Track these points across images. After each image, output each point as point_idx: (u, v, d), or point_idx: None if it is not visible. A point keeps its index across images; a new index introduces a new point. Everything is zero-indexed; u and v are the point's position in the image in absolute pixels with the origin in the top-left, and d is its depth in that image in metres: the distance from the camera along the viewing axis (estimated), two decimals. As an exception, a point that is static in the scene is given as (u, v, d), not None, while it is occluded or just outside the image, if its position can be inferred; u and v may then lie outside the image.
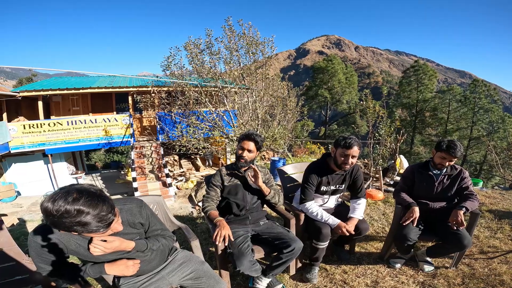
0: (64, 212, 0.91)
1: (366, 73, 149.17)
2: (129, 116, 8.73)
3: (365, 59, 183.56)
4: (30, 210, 6.50)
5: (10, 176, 8.54)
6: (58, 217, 0.92)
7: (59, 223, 0.94)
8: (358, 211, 2.13)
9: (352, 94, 29.15)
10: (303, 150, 12.96)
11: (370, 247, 2.65)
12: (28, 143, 7.74)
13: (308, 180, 2.16)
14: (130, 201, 1.35)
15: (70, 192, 0.94)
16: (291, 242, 1.82)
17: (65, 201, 0.92)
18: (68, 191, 0.95)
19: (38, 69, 8.91)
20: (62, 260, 1.22)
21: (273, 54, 7.77)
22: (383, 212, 3.64)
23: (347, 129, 28.56)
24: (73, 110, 10.08)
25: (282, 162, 7.47)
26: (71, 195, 0.93)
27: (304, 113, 9.70)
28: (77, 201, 0.93)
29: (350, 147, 1.95)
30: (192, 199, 6.73)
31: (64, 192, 0.94)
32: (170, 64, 7.91)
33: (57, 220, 0.93)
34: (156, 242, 1.38)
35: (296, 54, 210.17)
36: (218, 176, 2.04)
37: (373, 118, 5.75)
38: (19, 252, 1.65)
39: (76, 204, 0.93)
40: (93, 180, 10.77)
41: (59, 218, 0.92)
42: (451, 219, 1.97)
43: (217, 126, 7.58)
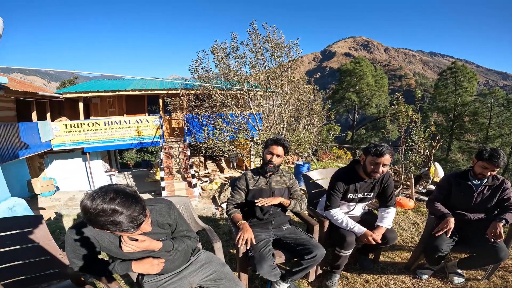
0: (100, 211, 0.96)
1: (397, 76, 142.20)
2: (159, 117, 9.13)
3: (396, 61, 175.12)
4: (66, 205, 6.98)
5: (50, 172, 9.31)
6: (95, 215, 0.97)
7: (95, 221, 0.99)
8: (387, 220, 2.04)
9: (382, 98, 27.96)
10: (329, 155, 12.65)
11: (396, 257, 2.53)
12: (69, 141, 8.39)
13: (334, 187, 2.11)
14: (160, 202, 1.39)
15: (108, 192, 0.99)
16: (313, 248, 1.79)
17: (103, 200, 0.96)
18: (106, 190, 1.00)
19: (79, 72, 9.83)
20: (94, 256, 1.29)
21: (299, 57, 7.70)
22: (413, 222, 3.47)
23: (376, 134, 27.39)
24: (109, 111, 10.76)
25: (306, 167, 7.34)
26: (108, 194, 0.98)
27: (331, 117, 9.48)
28: (113, 201, 0.97)
29: (381, 155, 1.87)
30: (216, 200, 6.84)
31: (102, 191, 0.99)
32: (198, 68, 8.15)
33: (93, 218, 0.98)
34: (181, 243, 1.42)
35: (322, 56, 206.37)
36: (243, 180, 2.06)
37: (406, 123, 5.46)
38: (55, 247, 1.71)
39: (112, 203, 0.97)
40: (125, 177, 11.39)
41: (95, 216, 0.97)
42: (489, 231, 1.85)
43: (242, 129, 7.66)
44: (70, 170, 9.51)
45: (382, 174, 1.99)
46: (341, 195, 2.12)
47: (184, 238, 1.46)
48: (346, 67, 28.36)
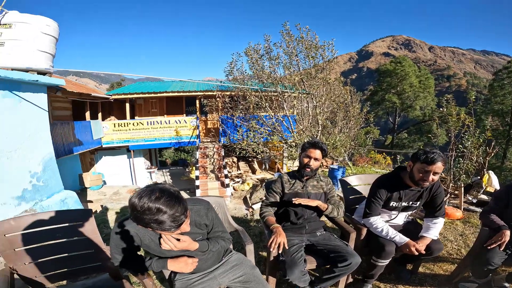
0: (146, 209, 1.00)
1: (445, 76, 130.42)
2: (196, 118, 9.51)
3: (443, 60, 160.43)
4: (111, 199, 7.55)
5: (99, 167, 10.19)
6: (141, 212, 1.01)
7: (141, 218, 1.03)
8: (433, 231, 1.89)
9: (427, 99, 25.83)
10: (366, 160, 12.05)
11: (437, 269, 2.36)
12: (117, 139, 9.13)
13: (375, 194, 1.99)
14: (199, 203, 1.42)
15: (154, 191, 1.03)
16: (348, 256, 1.72)
17: (149, 199, 1.01)
18: (152, 189, 1.04)
19: (125, 74, 10.82)
20: (134, 252, 1.35)
21: (334, 58, 7.46)
22: (461, 233, 3.21)
23: (420, 138, 25.36)
24: (152, 111, 11.48)
25: (341, 171, 7.07)
26: (154, 193, 1.02)
27: (370, 120, 9.02)
28: (158, 200, 1.01)
29: (432, 162, 1.72)
30: (247, 201, 6.90)
31: (149, 190, 1.03)
32: (233, 70, 8.31)
33: (139, 215, 1.02)
34: (216, 244, 1.44)
35: (358, 56, 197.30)
36: (279, 183, 2.04)
37: (457, 127, 4.99)
38: (100, 241, 1.73)
39: (157, 202, 1.01)
40: (163, 175, 12.04)
41: (141, 214, 1.01)
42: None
43: (276, 131, 7.63)
44: (116, 166, 10.33)
45: (432, 183, 1.83)
46: (383, 203, 2.00)
47: (219, 239, 1.48)
48: (386, 67, 26.79)
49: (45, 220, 1.64)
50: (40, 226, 1.62)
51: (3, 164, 3.61)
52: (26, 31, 3.73)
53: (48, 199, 4.22)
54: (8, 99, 3.70)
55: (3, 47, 3.63)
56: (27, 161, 3.99)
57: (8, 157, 3.68)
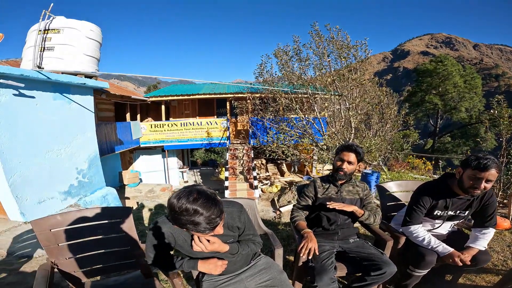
0: (184, 210, 1.02)
1: (492, 75, 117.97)
2: (226, 120, 9.70)
3: (490, 58, 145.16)
4: (146, 196, 7.95)
5: (137, 166, 10.83)
6: (178, 213, 1.03)
7: (178, 219, 1.05)
8: (482, 241, 1.74)
9: (474, 101, 23.56)
10: (402, 164, 11.31)
11: (479, 280, 2.19)
12: (153, 140, 9.64)
13: (418, 202, 1.85)
14: (232, 205, 1.42)
15: (192, 192, 1.05)
16: (383, 265, 1.62)
17: (187, 200, 1.02)
18: (190, 191, 1.06)
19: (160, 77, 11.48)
20: (167, 252, 1.39)
21: (367, 58, 7.11)
22: (509, 244, 2.96)
23: (465, 142, 23.16)
24: (185, 113, 11.96)
25: (376, 176, 6.71)
26: (192, 195, 1.04)
27: (409, 123, 8.45)
28: (196, 201, 1.03)
29: (485, 169, 1.56)
30: (275, 204, 6.83)
31: (187, 191, 1.06)
32: (262, 72, 8.32)
33: (177, 216, 1.04)
34: (246, 247, 1.43)
35: (393, 56, 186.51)
36: (311, 187, 1.99)
37: (509, 130, 4.53)
38: (136, 238, 1.76)
39: (195, 204, 1.02)
40: (194, 174, 12.45)
41: (179, 214, 1.03)
42: None
43: (307, 133, 7.48)
44: (152, 165, 10.91)
45: (484, 191, 1.66)
46: (426, 211, 1.86)
47: (249, 242, 1.47)
48: (425, 66, 24.93)
49: (89, 216, 1.70)
50: (83, 222, 1.67)
51: (53, 161, 3.96)
52: (73, 36, 3.98)
53: (91, 195, 4.55)
54: (59, 101, 4.05)
55: (53, 51, 3.95)
56: (75, 159, 4.34)
57: (57, 154, 4.04)
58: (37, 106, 3.69)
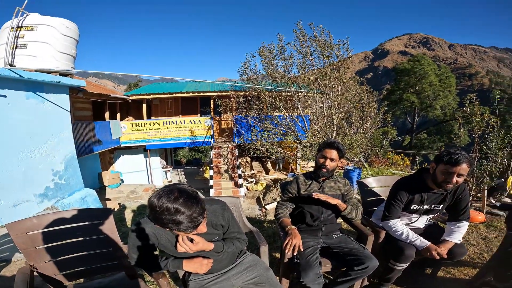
0: (165, 209, 1.01)
1: (466, 74, 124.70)
2: (210, 118, 9.62)
3: (464, 58, 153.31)
4: (128, 197, 7.73)
5: (117, 166, 10.50)
6: (159, 213, 1.02)
7: (159, 218, 1.03)
8: (457, 235, 1.82)
9: (448, 99, 24.79)
10: (382, 161, 11.72)
11: (457, 273, 2.29)
12: (134, 139, 9.38)
13: (396, 197, 1.92)
14: (216, 203, 1.42)
15: (172, 191, 1.04)
16: (365, 259, 1.68)
17: (168, 199, 1.01)
18: (171, 190, 1.04)
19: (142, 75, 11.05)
20: (150, 252, 1.37)
21: (349, 57, 7.30)
22: (483, 237, 3.10)
23: (440, 139, 24.37)
24: (167, 112, 11.72)
25: (357, 172, 6.91)
26: (173, 194, 1.03)
27: (388, 120, 8.76)
28: (177, 200, 1.02)
29: (457, 163, 1.64)
30: (260, 201, 6.87)
31: (168, 190, 1.04)
32: (246, 70, 8.31)
33: (158, 215, 1.03)
34: (231, 244, 1.44)
35: (373, 55, 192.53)
36: (294, 184, 2.01)
37: (481, 127, 4.78)
38: (118, 240, 1.74)
39: (176, 203, 1.01)
40: (178, 174, 12.25)
41: (160, 214, 1.02)
42: None
43: (291, 131, 7.57)
44: (134, 165, 10.62)
45: (456, 185, 1.75)
46: (403, 206, 1.93)
47: (234, 240, 1.47)
48: (404, 66, 25.94)
49: (67, 218, 1.66)
50: (61, 224, 1.64)
51: (27, 162, 3.77)
52: (47, 33, 3.84)
53: (69, 197, 4.37)
54: (32, 100, 3.86)
55: (26, 49, 3.78)
56: (50, 160, 4.14)
57: (32, 156, 3.84)
58: (9, 105, 3.52)
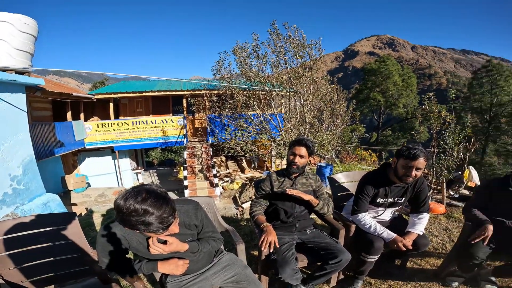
0: (132, 211, 0.98)
1: (426, 75, 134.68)
2: (183, 118, 9.40)
3: (425, 59, 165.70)
4: (96, 201, 7.34)
5: (83, 169, 9.89)
6: (127, 214, 0.98)
7: (127, 220, 1.00)
8: (419, 226, 1.94)
9: (410, 97, 26.69)
10: (352, 157, 12.29)
11: (424, 264, 2.43)
12: (100, 140, 8.88)
13: (362, 191, 2.02)
14: (188, 203, 1.40)
15: (140, 192, 1.01)
16: (338, 253, 1.75)
17: (135, 200, 0.98)
18: (139, 191, 1.01)
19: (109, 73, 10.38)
20: (122, 255, 1.32)
21: (321, 56, 7.55)
22: (445, 228, 3.31)
23: (403, 135, 26.14)
24: (137, 111, 11.25)
25: (329, 168, 7.19)
26: (140, 195, 1.00)
27: (356, 118, 9.19)
28: (145, 201, 0.99)
29: (415, 158, 1.77)
30: (236, 200, 6.88)
31: (135, 191, 1.01)
32: (220, 68, 8.24)
33: (125, 217, 0.99)
34: (206, 244, 1.43)
35: (344, 55, 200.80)
36: (267, 182, 2.04)
37: (438, 124, 5.16)
38: (86, 244, 1.70)
39: (144, 204, 0.98)
40: (150, 176, 11.83)
41: (127, 215, 0.99)
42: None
43: (265, 129, 7.65)
44: (101, 167, 10.06)
45: (415, 179, 1.89)
46: (370, 199, 2.04)
47: (209, 239, 1.47)
48: (371, 66, 27.41)
49: (27, 224, 1.59)
50: (22, 230, 1.57)
51: (-20, 167, 3.43)
52: (3, 30, 3.57)
53: (30, 203, 4.06)
54: (-17, 99, 3.51)
55: (-23, 45, 3.45)
56: (6, 164, 3.82)
57: (-16, 160, 3.50)
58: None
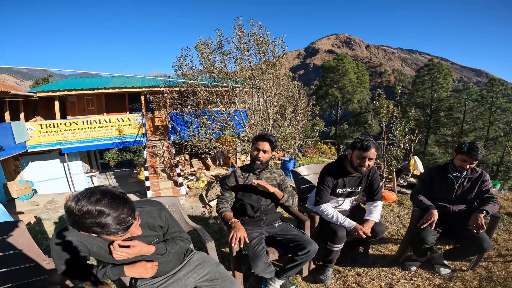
0: (85, 212, 0.91)
1: (377, 72, 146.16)
2: (141, 116, 8.88)
3: (377, 58, 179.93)
4: (46, 209, 6.67)
5: (27, 175, 8.84)
6: (79, 216, 0.92)
7: (80, 223, 0.94)
8: (375, 214, 2.09)
9: (363, 94, 28.72)
10: (313, 150, 12.84)
11: (384, 250, 2.60)
12: (45, 142, 7.99)
13: (323, 182, 2.12)
14: (150, 204, 1.35)
15: (94, 193, 0.95)
16: (306, 244, 1.81)
17: (88, 202, 0.92)
18: (92, 192, 0.95)
19: (54, 69, 9.34)
20: (82, 261, 1.23)
21: (284, 54, 7.72)
22: (397, 214, 3.57)
23: (358, 129, 28.14)
24: (88, 110, 10.35)
25: (293, 162, 7.42)
26: (94, 195, 0.94)
27: (316, 113, 9.61)
28: (99, 202, 0.93)
29: (367, 149, 1.92)
30: (203, 199, 6.76)
31: (88, 192, 0.95)
32: (182, 65, 7.98)
33: (78, 219, 0.93)
34: (174, 245, 1.39)
35: (306, 53, 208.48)
36: (232, 177, 2.04)
37: (387, 118, 5.61)
38: (39, 253, 1.63)
39: (98, 205, 0.93)
40: (107, 178, 11.02)
41: (80, 218, 0.92)
42: (471, 222, 1.93)
43: (228, 126, 7.61)
44: (48, 172, 9.08)
45: (369, 168, 2.03)
46: (330, 190, 2.14)
47: (177, 240, 1.43)
48: (330, 64, 28.81)
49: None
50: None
51: None
52: None
53: (-37, 215, 3.54)
54: None
55: None
56: None
57: None
58: None
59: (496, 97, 20.31)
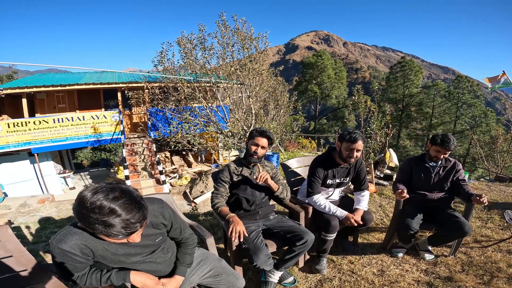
0: (97, 207, 0.87)
1: (354, 69, 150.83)
2: (118, 112, 8.52)
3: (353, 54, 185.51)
4: (20, 212, 6.22)
5: (-6, 177, 8.18)
6: (88, 209, 0.87)
7: (85, 216, 0.89)
8: (363, 203, 2.20)
9: (341, 89, 29.55)
10: (294, 145, 13.06)
11: (372, 238, 2.73)
12: (13, 142, 7.44)
13: (314, 174, 2.19)
14: (151, 202, 1.28)
15: (114, 189, 0.91)
16: (303, 234, 1.85)
17: (105, 197, 0.88)
18: (113, 188, 0.91)
19: (19, 64, 8.57)
20: (86, 266, 1.16)
21: (266, 49, 7.74)
22: (379, 204, 3.75)
23: (336, 123, 28.97)
24: (58, 107, 9.75)
25: (276, 157, 7.51)
26: (113, 192, 0.90)
27: (298, 108, 9.74)
28: (116, 201, 0.89)
29: (355, 141, 2.01)
30: (188, 196, 6.67)
31: (108, 188, 0.91)
32: (163, 59, 7.75)
33: (85, 212, 0.88)
34: (188, 256, 1.41)
35: (285, 49, 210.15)
36: (226, 172, 2.04)
37: (365, 112, 5.84)
38: (31, 259, 1.55)
39: (114, 203, 0.89)
40: (82, 179, 10.49)
41: (89, 211, 0.88)
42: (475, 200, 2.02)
43: (211, 121, 7.53)
44: (18, 174, 8.44)
45: (356, 159, 2.12)
46: (321, 181, 2.21)
47: (186, 247, 1.42)
48: (309, 60, 29.26)
49: None
50: None
51: None
52: None
53: None
54: None
55: None
56: None
57: None
58: None
59: (462, 93, 21.85)
